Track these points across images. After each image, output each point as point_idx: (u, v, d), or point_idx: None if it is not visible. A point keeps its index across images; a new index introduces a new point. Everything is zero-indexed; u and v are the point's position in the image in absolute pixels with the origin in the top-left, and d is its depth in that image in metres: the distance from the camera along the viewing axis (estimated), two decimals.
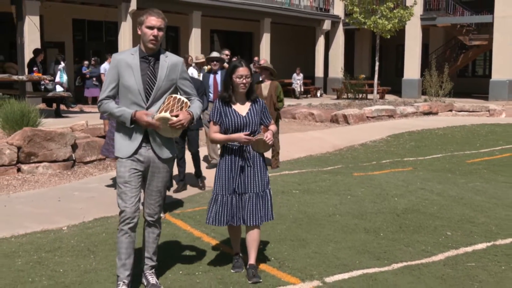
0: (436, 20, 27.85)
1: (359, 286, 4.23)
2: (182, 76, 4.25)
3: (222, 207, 4.45)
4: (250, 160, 4.45)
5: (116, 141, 4.18)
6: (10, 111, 9.43)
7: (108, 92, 4.12)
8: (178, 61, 4.23)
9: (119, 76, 4.08)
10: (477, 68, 33.88)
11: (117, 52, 4.25)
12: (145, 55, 4.11)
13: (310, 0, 29.05)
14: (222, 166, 4.49)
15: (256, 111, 4.50)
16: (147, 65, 4.09)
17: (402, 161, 10.05)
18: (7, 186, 7.61)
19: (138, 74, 4.05)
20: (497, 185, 7.86)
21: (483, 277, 4.43)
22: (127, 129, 4.09)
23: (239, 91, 4.45)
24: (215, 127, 4.48)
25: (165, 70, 4.12)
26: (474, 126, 15.48)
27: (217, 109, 4.47)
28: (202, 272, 4.51)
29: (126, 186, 4.05)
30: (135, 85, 4.04)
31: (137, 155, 4.09)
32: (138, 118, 3.99)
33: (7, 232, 5.65)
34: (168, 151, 4.19)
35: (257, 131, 4.48)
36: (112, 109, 4.09)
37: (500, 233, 5.60)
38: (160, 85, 4.10)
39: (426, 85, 22.03)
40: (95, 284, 4.27)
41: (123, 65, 4.08)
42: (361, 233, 5.61)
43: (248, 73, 4.43)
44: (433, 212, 6.37)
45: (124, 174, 4.07)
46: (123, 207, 4.05)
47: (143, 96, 4.07)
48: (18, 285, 4.26)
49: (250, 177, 4.43)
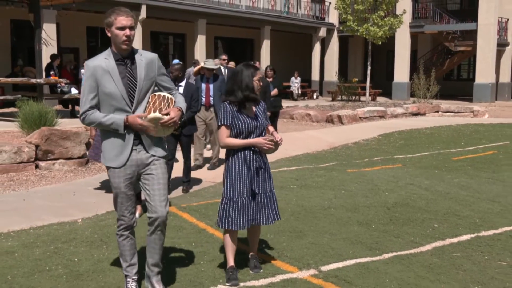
0: (424, 28, 27.83)
1: (353, 274, 4.22)
2: (160, 72, 3.79)
3: (240, 210, 4.07)
4: (263, 162, 4.17)
5: (105, 151, 3.71)
6: (28, 112, 9.44)
7: (89, 101, 3.61)
8: (153, 58, 3.76)
9: (97, 84, 3.59)
10: (462, 72, 33.83)
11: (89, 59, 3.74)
12: (120, 57, 3.64)
13: (307, 9, 29.02)
14: (237, 169, 4.09)
15: (261, 112, 4.23)
16: (124, 67, 3.64)
17: (392, 158, 10.03)
18: (26, 182, 7.60)
19: (118, 78, 3.59)
20: (480, 181, 7.85)
21: (468, 266, 4.42)
22: (116, 136, 3.65)
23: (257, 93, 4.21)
24: (227, 131, 4.09)
25: (143, 69, 3.67)
26: (459, 126, 15.45)
27: (229, 113, 4.07)
28: (206, 262, 4.50)
29: (123, 197, 3.72)
30: (117, 91, 3.58)
31: (129, 161, 3.68)
32: (131, 123, 3.58)
33: (26, 224, 5.64)
34: (161, 149, 3.79)
35: (264, 133, 4.23)
36: (99, 118, 3.60)
37: (483, 225, 5.59)
38: (142, 86, 3.66)
39: (414, 87, 22.02)
40: (108, 272, 4.27)
41: (99, 71, 3.59)
42: (354, 225, 5.59)
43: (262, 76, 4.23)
44: (421, 206, 6.36)
45: (119, 185, 3.69)
46: (121, 216, 3.77)
47: (127, 101, 3.62)
48: (36, 273, 4.26)
49: (262, 178, 4.16)
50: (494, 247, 4.89)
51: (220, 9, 23.15)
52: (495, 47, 25.74)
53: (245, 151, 4.10)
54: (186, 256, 4.64)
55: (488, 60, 25.53)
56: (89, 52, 22.40)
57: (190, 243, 5.00)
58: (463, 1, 32.97)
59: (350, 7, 22.43)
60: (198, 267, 4.38)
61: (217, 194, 7.10)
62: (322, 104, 22.08)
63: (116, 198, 3.75)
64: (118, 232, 3.83)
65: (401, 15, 22.38)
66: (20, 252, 4.76)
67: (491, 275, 4.24)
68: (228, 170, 4.12)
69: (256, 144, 4.08)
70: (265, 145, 4.08)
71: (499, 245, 4.96)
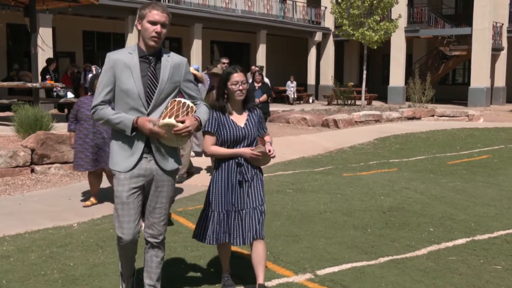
0: (419, 32, 27.92)
1: (348, 279, 4.22)
2: (186, 78, 3.49)
3: (219, 224, 3.81)
4: (248, 175, 3.81)
5: (113, 153, 3.41)
6: (24, 116, 9.41)
7: (103, 96, 3.33)
8: (181, 61, 3.46)
9: (115, 78, 3.31)
10: (457, 76, 33.94)
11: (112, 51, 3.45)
12: (145, 54, 3.36)
13: (303, 14, 29.09)
14: (218, 181, 3.82)
15: (254, 122, 3.88)
16: (147, 65, 3.35)
17: (388, 162, 10.04)
18: (21, 186, 7.58)
19: (138, 76, 3.31)
20: (475, 185, 7.86)
21: (463, 270, 4.43)
22: (126, 139, 3.34)
23: (236, 99, 3.82)
24: (212, 139, 3.81)
25: (167, 71, 3.37)
26: (455, 130, 15.48)
27: (215, 119, 3.80)
28: (202, 266, 4.50)
29: (124, 208, 3.33)
30: (135, 88, 3.29)
31: (137, 169, 3.34)
32: (140, 126, 3.25)
33: (21, 229, 5.62)
34: (173, 162, 3.44)
35: (255, 143, 3.89)
36: (109, 115, 3.30)
37: (478, 229, 5.60)
38: (163, 88, 3.35)
39: (410, 92, 22.07)
40: (103, 277, 4.25)
41: (120, 65, 3.31)
42: (350, 229, 5.60)
43: (244, 79, 3.81)
44: (416, 210, 6.37)
45: (122, 194, 3.33)
46: (121, 233, 3.37)
47: (144, 101, 3.32)
48: (31, 278, 4.24)
49: (247, 192, 3.80)
50: (490, 251, 4.90)
51: (216, 13, 23.18)
52: (490, 52, 25.83)
53: (229, 162, 3.81)
54: (182, 260, 4.63)
55: (483, 64, 25.62)
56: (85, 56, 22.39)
57: (186, 247, 4.99)
58: (458, 6, 33.11)
59: (346, 12, 22.49)
60: (194, 271, 4.37)
61: None
62: (318, 108, 22.10)
63: (116, 209, 3.37)
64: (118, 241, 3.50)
65: (396, 20, 22.45)
66: (16, 257, 4.74)
67: (487, 279, 4.25)
68: (212, 180, 3.87)
69: (242, 154, 3.79)
70: (251, 155, 3.76)
71: (494, 249, 4.97)
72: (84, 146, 6.39)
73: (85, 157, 6.39)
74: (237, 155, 3.79)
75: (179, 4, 22.36)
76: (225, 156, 3.80)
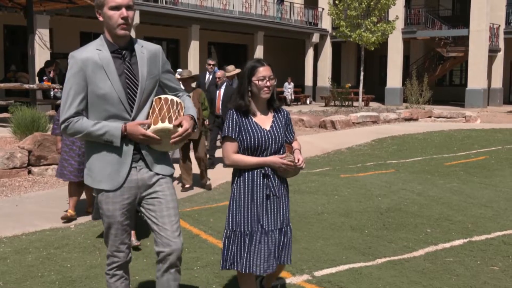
0: (416, 34, 27.97)
1: (346, 280, 4.22)
2: (165, 68, 2.97)
3: (242, 248, 3.20)
4: (276, 188, 3.23)
5: (94, 169, 2.84)
6: (21, 117, 9.41)
7: (76, 106, 2.75)
8: (157, 50, 2.93)
9: (87, 83, 2.75)
10: (454, 77, 34.00)
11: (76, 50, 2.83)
12: (116, 48, 2.80)
13: (300, 15, 29.12)
14: (241, 195, 3.21)
15: (280, 124, 3.29)
16: (121, 61, 2.80)
17: (385, 163, 10.05)
18: (18, 187, 7.57)
19: (115, 75, 2.75)
20: (473, 186, 7.88)
21: (460, 271, 4.44)
22: (109, 150, 2.80)
23: (262, 97, 3.21)
24: (233, 145, 3.19)
25: (145, 64, 2.84)
26: (452, 131, 15.51)
27: (235, 122, 3.18)
28: (199, 267, 4.49)
29: (117, 228, 2.88)
30: (113, 92, 2.74)
31: (127, 183, 2.84)
32: (132, 132, 2.76)
33: (18, 230, 5.61)
34: (167, 166, 2.96)
35: (282, 150, 3.28)
36: (88, 127, 2.74)
37: (475, 230, 5.61)
38: (144, 86, 2.82)
39: (407, 93, 22.11)
40: (101, 278, 4.25)
41: (91, 66, 2.73)
42: (348, 230, 5.60)
43: (271, 73, 3.22)
44: (414, 211, 6.37)
45: (114, 213, 2.85)
46: (114, 252, 2.94)
47: (126, 105, 2.78)
48: (28, 279, 4.23)
49: (274, 209, 3.23)
50: (487, 252, 4.91)
51: (214, 14, 23.19)
52: (486, 53, 25.88)
53: (254, 172, 3.20)
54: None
55: (480, 66, 25.67)
56: None
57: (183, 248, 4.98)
58: (455, 7, 33.17)
59: (343, 13, 22.51)
60: (191, 272, 4.37)
61: (210, 199, 7.09)
62: (315, 109, 22.11)
63: (108, 230, 2.91)
64: (109, 271, 3.00)
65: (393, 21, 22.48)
66: (13, 258, 4.73)
67: (484, 280, 4.25)
68: (232, 195, 3.26)
69: (270, 163, 3.19)
70: (281, 165, 3.18)
71: (491, 250, 4.97)
72: (70, 154, 5.84)
73: (69, 165, 5.84)
74: (264, 164, 3.19)
75: (177, 5, 22.37)
76: (250, 166, 3.19)
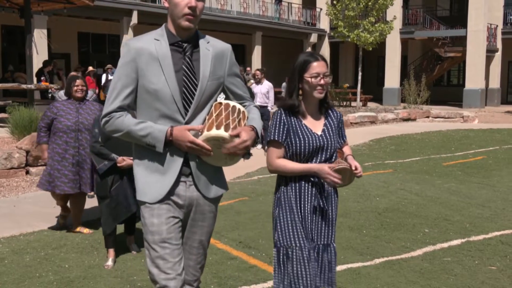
0: (414, 34, 28.00)
1: (344, 280, 4.22)
2: (232, 71, 2.58)
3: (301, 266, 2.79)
4: (325, 199, 2.86)
5: (138, 178, 2.48)
6: (19, 117, 9.39)
7: (121, 100, 2.42)
8: (225, 49, 2.56)
9: (138, 76, 2.41)
10: (452, 77, 34.04)
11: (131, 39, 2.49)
12: (177, 40, 2.45)
13: (298, 15, 29.14)
14: (287, 207, 2.84)
15: (333, 127, 2.89)
16: (181, 55, 2.44)
17: (383, 163, 10.06)
18: (16, 188, 7.56)
19: (171, 70, 2.40)
20: (470, 186, 7.89)
21: (458, 271, 4.44)
22: (154, 157, 2.43)
23: (315, 96, 2.79)
24: (279, 151, 2.82)
25: (209, 63, 2.47)
26: (449, 131, 15.53)
27: (284, 124, 2.81)
28: None
29: (165, 246, 2.40)
30: (167, 89, 2.38)
31: (174, 196, 2.44)
32: (178, 137, 2.36)
33: (16, 231, 5.61)
34: (218, 187, 2.55)
35: (335, 157, 2.90)
36: (130, 125, 2.39)
37: (473, 230, 5.62)
38: (205, 87, 2.45)
39: (405, 93, 22.15)
40: (98, 279, 4.24)
41: (145, 57, 2.39)
42: (346, 230, 5.60)
43: (327, 69, 2.78)
44: (412, 211, 6.38)
45: (160, 228, 2.40)
46: (164, 280, 2.40)
47: (180, 105, 2.41)
48: (26, 280, 4.22)
49: (321, 222, 2.88)
50: (485, 252, 4.91)
51: (212, 14, 23.19)
52: (484, 53, 25.92)
53: (300, 181, 2.83)
54: None
55: (477, 66, 25.71)
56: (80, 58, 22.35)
57: None
58: (453, 8, 33.22)
59: (341, 13, 22.53)
60: None
61: None
62: None
63: (154, 251, 2.41)
64: None
65: (391, 21, 22.50)
66: (10, 259, 4.72)
67: (482, 279, 4.25)
68: (279, 206, 2.88)
69: (316, 171, 2.77)
70: (328, 176, 2.74)
71: (489, 249, 4.98)
72: (63, 163, 5.28)
73: (62, 176, 5.29)
74: (310, 172, 2.80)
75: None
76: (296, 173, 2.82)
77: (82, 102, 5.41)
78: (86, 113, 5.37)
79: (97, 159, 4.60)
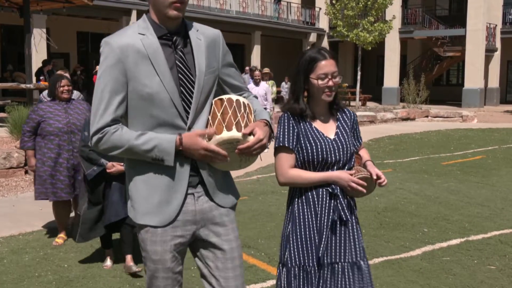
0: (413, 33, 28.00)
1: None
2: (226, 60, 2.24)
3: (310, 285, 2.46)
4: (346, 211, 2.50)
5: (136, 198, 2.12)
6: (18, 117, 9.38)
7: (113, 111, 2.04)
8: (216, 36, 2.22)
9: (127, 79, 2.04)
10: (451, 77, 34.05)
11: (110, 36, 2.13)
12: (165, 32, 2.09)
13: (297, 15, 29.13)
14: (301, 222, 2.51)
15: (347, 130, 2.58)
16: (171, 50, 2.09)
17: (382, 163, 10.06)
18: (15, 187, 7.55)
19: (165, 68, 2.05)
20: (469, 185, 7.89)
21: (457, 270, 4.44)
22: (157, 171, 2.08)
23: (324, 99, 2.48)
24: (290, 158, 2.48)
25: (203, 55, 2.13)
26: (449, 131, 15.53)
27: (292, 128, 2.48)
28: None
29: (169, 276, 2.17)
30: (163, 91, 2.03)
31: (182, 215, 2.10)
32: (189, 147, 2.02)
33: (15, 230, 5.60)
34: (231, 196, 2.24)
35: (352, 163, 2.59)
36: (130, 140, 2.03)
37: (472, 229, 5.62)
38: (203, 84, 2.10)
39: (404, 93, 22.15)
40: (98, 278, 4.24)
41: (132, 56, 2.03)
42: None
43: (336, 69, 2.45)
44: (411, 211, 6.38)
45: (164, 256, 2.12)
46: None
47: (180, 108, 2.07)
48: (25, 280, 4.22)
49: (342, 238, 2.51)
50: (484, 251, 4.91)
51: (211, 14, 23.18)
52: (483, 53, 25.93)
53: (317, 192, 2.49)
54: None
55: (476, 65, 25.72)
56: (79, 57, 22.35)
57: None
58: (452, 7, 33.22)
59: (340, 13, 22.53)
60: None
61: None
62: None
63: (155, 280, 2.17)
64: None
65: (390, 21, 22.50)
66: (9, 258, 4.72)
67: (481, 279, 4.26)
68: (292, 221, 2.54)
69: (336, 180, 2.47)
70: (350, 185, 2.46)
71: (488, 249, 4.98)
72: (57, 168, 4.98)
73: (58, 182, 5.00)
74: (329, 181, 2.47)
75: None
76: (312, 183, 2.48)
77: (69, 102, 5.13)
78: (76, 113, 5.08)
79: (86, 164, 4.35)
